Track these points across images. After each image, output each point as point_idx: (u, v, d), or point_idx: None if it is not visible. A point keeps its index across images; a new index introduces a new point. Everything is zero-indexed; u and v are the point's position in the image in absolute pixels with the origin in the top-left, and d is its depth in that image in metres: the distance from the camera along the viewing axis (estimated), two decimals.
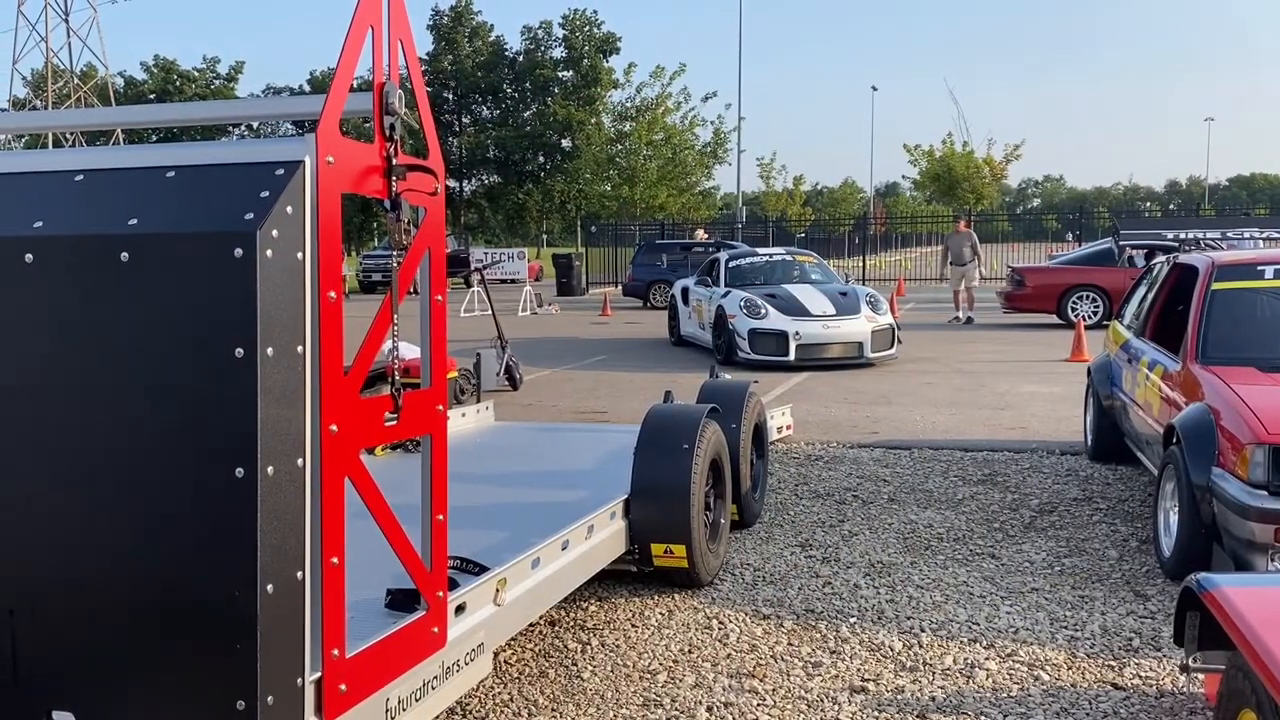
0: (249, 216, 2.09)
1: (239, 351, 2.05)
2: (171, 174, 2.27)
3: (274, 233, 2.09)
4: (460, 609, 2.95)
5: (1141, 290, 6.87)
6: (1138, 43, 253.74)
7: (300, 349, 2.16)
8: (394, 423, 2.51)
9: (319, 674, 2.27)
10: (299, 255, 2.16)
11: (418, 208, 2.61)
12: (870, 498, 6.15)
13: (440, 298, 2.70)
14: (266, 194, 2.13)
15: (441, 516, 2.74)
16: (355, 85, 2.43)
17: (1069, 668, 3.73)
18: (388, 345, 2.50)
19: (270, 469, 2.08)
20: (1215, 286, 5.40)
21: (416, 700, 2.72)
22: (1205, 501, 4.28)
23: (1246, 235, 8.13)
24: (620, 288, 26.60)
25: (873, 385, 10.61)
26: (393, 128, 2.43)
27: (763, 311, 12.19)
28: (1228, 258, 5.82)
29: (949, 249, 17.86)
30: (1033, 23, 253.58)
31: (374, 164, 2.42)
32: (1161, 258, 6.86)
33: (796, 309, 12.32)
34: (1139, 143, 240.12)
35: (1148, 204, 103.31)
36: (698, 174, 40.37)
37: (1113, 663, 3.77)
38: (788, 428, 7.91)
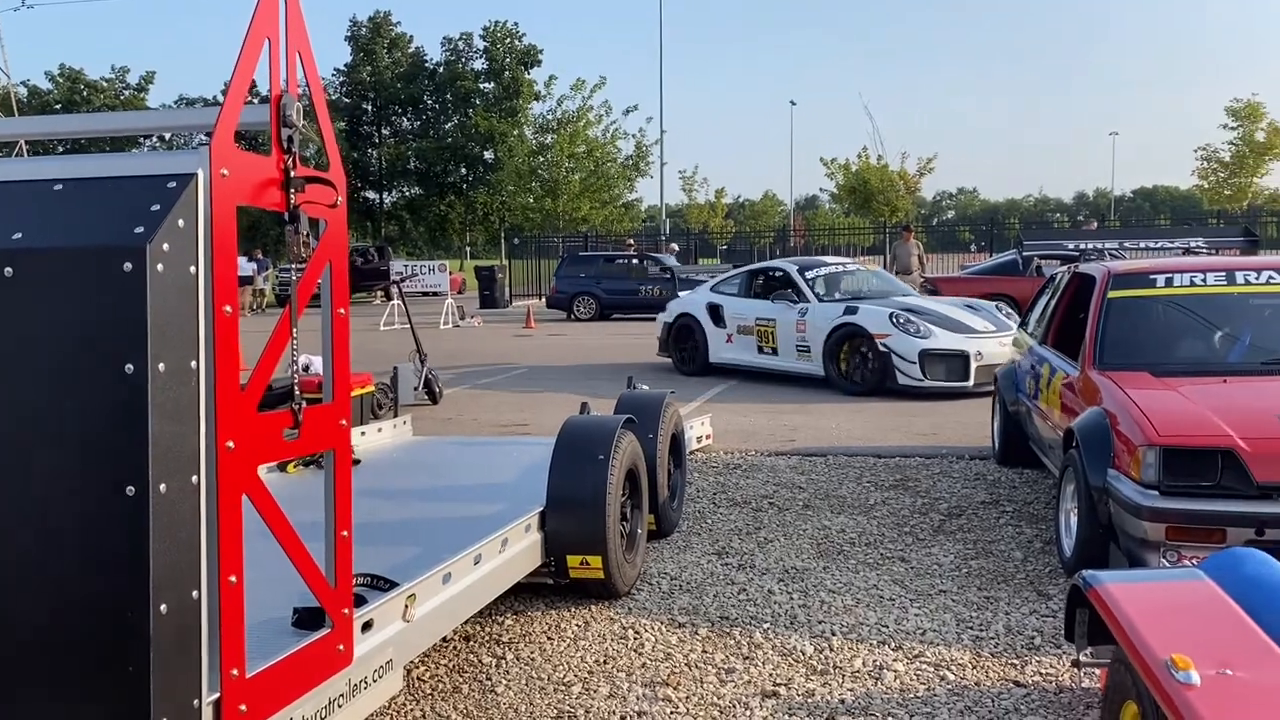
0: (139, 230, 2.05)
1: (129, 368, 2.02)
2: (59, 187, 2.22)
3: (165, 247, 2.06)
4: (367, 626, 2.92)
5: (1044, 299, 7.09)
6: (1046, 59, 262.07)
7: (194, 364, 2.13)
8: (294, 438, 2.48)
9: (217, 695, 2.23)
10: (192, 269, 2.13)
11: (318, 220, 2.59)
12: (786, 505, 6.24)
13: (343, 311, 2.68)
14: (157, 207, 2.09)
15: (346, 533, 2.71)
16: (259, 98, 2.41)
17: (974, 667, 3.83)
18: (302, 360, 2.48)
19: (163, 487, 2.04)
20: (1111, 295, 5.60)
21: (322, 719, 2.69)
22: (1102, 502, 4.43)
23: (1142, 245, 8.47)
24: (544, 300, 26.55)
25: (791, 394, 10.76)
26: (290, 140, 2.41)
27: (923, 329, 10.29)
28: (1123, 267, 6.04)
29: (895, 257, 18.23)
30: (946, 39, 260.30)
31: (271, 176, 2.39)
32: (1063, 267, 7.10)
33: (959, 326, 10.52)
34: (1048, 156, 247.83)
35: (1057, 215, 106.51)
36: (620, 186, 40.57)
37: (1015, 661, 3.88)
38: (707, 437, 7.98)
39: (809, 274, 11.89)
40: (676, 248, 28.26)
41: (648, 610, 4.48)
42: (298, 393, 2.44)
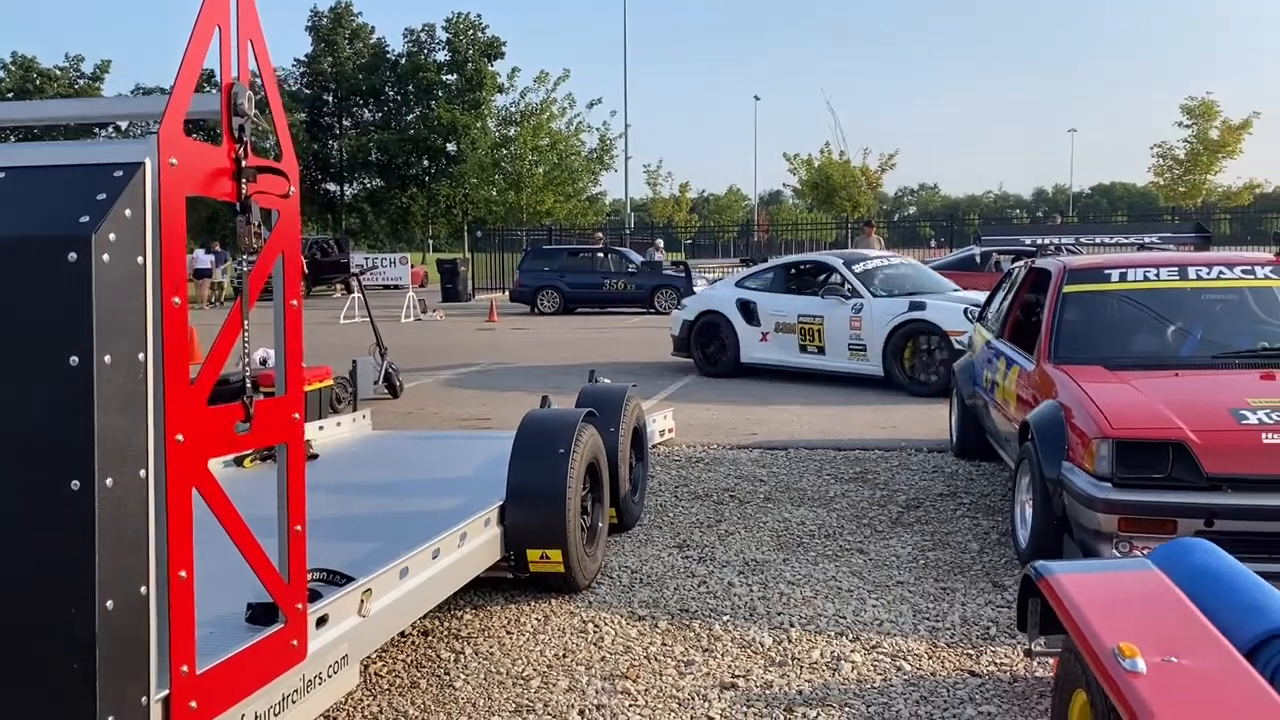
0: (84, 220, 2.02)
1: (74, 360, 1.98)
2: (2, 175, 2.17)
3: (111, 237, 2.03)
4: (322, 621, 2.89)
5: (1001, 293, 7.17)
6: (1006, 55, 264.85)
7: (141, 356, 2.10)
8: (246, 431, 2.45)
9: (166, 691, 2.20)
10: (139, 260, 2.10)
11: (270, 211, 2.55)
12: (747, 497, 6.26)
13: (295, 303, 2.65)
14: (103, 196, 2.06)
15: (300, 527, 2.68)
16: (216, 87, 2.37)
17: (930, 657, 3.87)
18: (259, 354, 2.46)
19: (109, 481, 2.01)
20: (1067, 289, 5.68)
21: (276, 715, 2.66)
22: (1057, 494, 4.49)
23: (1098, 241, 8.58)
24: (507, 294, 26.44)
25: (753, 389, 10.80)
26: (242, 129, 2.38)
27: None
28: (1078, 262, 6.12)
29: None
30: (910, 36, 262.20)
31: (222, 166, 2.36)
32: (1020, 262, 7.17)
33: None
34: (1008, 152, 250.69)
35: (1017, 211, 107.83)
36: (584, 179, 40.47)
37: (971, 651, 3.92)
38: (670, 431, 7.99)
39: (856, 268, 11.14)
40: (662, 243, 28.17)
41: (608, 604, 4.48)
42: (249, 386, 2.41)
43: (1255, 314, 5.63)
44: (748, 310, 11.54)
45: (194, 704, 2.27)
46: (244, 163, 2.38)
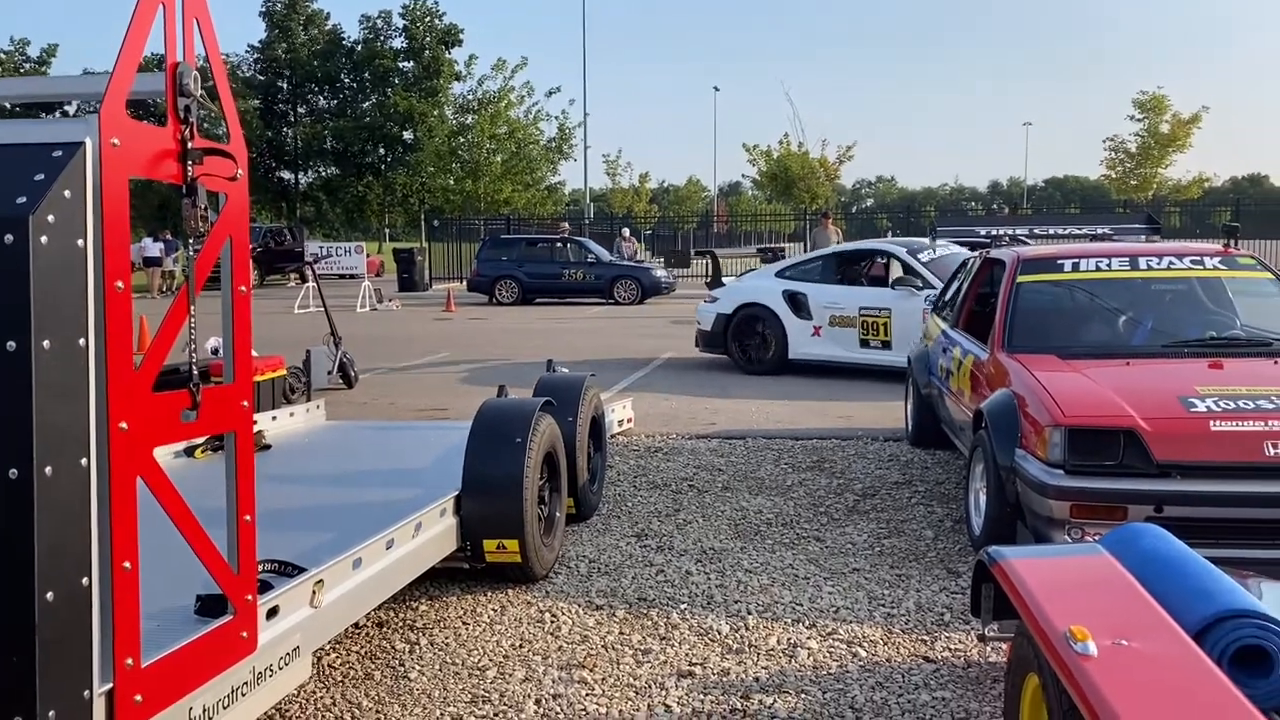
0: (21, 201, 1.96)
1: (10, 345, 1.92)
2: None
3: (49, 218, 1.97)
4: (273, 612, 2.85)
5: (956, 284, 7.22)
6: (964, 50, 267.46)
7: (82, 342, 2.04)
8: (193, 420, 2.40)
9: (110, 685, 2.14)
10: (79, 242, 2.04)
11: (217, 194, 2.50)
12: (705, 487, 6.27)
13: (244, 289, 2.60)
14: (41, 177, 2.00)
15: (249, 517, 2.63)
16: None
17: (885, 644, 3.89)
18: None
19: (49, 469, 1.95)
20: (1020, 279, 5.73)
21: (225, 708, 2.62)
22: (1010, 481, 4.53)
23: (1051, 232, 8.67)
24: (465, 283, 26.26)
25: (711, 379, 10.82)
26: (188, 109, 2.32)
27: None
28: (1032, 252, 6.18)
29: (815, 244, 18.57)
30: (869, 29, 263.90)
31: (167, 147, 2.30)
32: (976, 253, 7.23)
33: None
34: (964, 146, 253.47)
35: (972, 204, 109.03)
36: (543, 169, 40.30)
37: (925, 637, 3.95)
38: (629, 421, 7.98)
39: (922, 257, 10.40)
40: (628, 232, 27.98)
41: (565, 593, 4.46)
42: (195, 373, 2.36)
43: (1204, 304, 5.72)
44: (796, 302, 10.81)
45: (139, 698, 2.22)
46: (190, 144, 2.32)
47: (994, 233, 8.35)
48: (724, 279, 12.94)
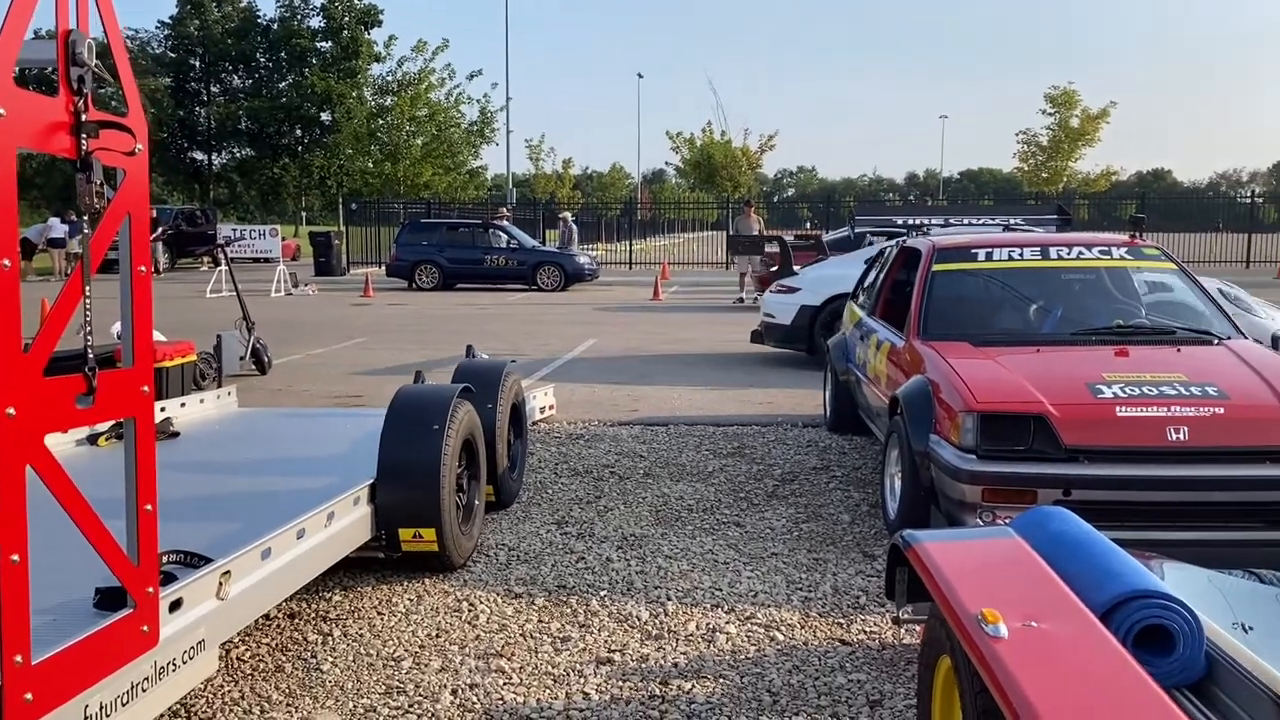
0: None
1: None
2: None
3: None
4: (176, 605, 2.74)
5: (874, 272, 7.31)
6: (884, 44, 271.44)
7: None
8: (89, 405, 2.29)
9: None
10: None
11: (115, 170, 2.38)
12: (627, 473, 6.26)
13: (144, 269, 2.49)
14: None
15: (150, 506, 2.53)
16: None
17: (802, 627, 3.93)
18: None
19: None
20: (935, 268, 5.82)
21: (124, 704, 2.51)
22: (924, 466, 4.60)
23: (966, 222, 8.83)
24: (384, 268, 25.81)
25: (634, 366, 10.82)
26: (81, 80, 2.21)
27: (1257, 310, 8.37)
28: (947, 241, 6.28)
29: (737, 232, 18.66)
30: (791, 20, 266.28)
31: (59, 120, 2.19)
32: (892, 241, 7.32)
33: (1252, 308, 8.48)
34: (883, 138, 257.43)
35: (890, 195, 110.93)
36: (464, 153, 39.79)
37: (841, 620, 4.00)
38: (550, 408, 7.92)
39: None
40: (570, 215, 27.64)
41: (484, 582, 4.40)
42: (90, 357, 2.25)
43: (1111, 293, 5.87)
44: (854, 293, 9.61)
45: (29, 696, 2.12)
46: (84, 116, 2.21)
47: (911, 222, 8.47)
48: (794, 268, 11.92)
